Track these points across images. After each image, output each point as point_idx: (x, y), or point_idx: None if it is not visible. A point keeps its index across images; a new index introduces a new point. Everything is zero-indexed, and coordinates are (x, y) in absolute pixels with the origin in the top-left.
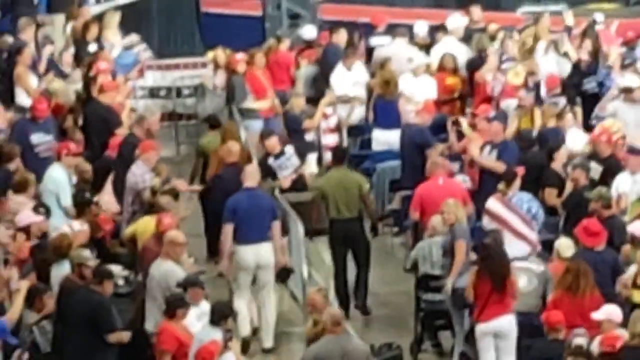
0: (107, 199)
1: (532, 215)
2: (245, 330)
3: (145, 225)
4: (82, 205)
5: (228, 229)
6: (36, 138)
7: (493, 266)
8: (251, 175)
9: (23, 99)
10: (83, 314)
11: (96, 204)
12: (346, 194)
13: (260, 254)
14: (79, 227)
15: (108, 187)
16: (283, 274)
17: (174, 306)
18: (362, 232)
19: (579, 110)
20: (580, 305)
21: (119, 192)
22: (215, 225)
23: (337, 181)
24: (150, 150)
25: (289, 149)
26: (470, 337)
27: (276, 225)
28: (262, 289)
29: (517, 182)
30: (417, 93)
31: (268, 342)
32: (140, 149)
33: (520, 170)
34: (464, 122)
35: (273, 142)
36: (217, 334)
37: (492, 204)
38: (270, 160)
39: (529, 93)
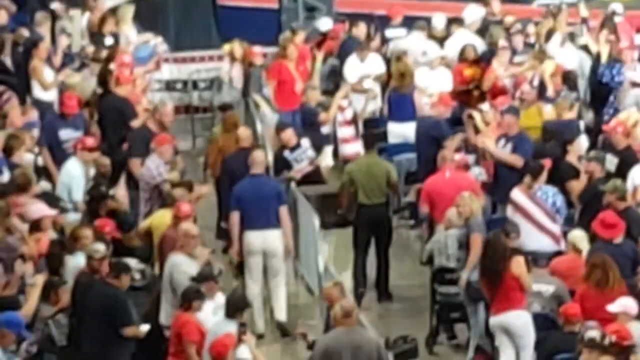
0: (122, 192)
1: (556, 209)
2: (259, 324)
3: (160, 218)
4: (98, 200)
5: (234, 216)
6: (65, 134)
7: (488, 262)
8: (258, 162)
9: (38, 92)
10: (99, 308)
11: (112, 197)
12: (375, 180)
13: (267, 240)
14: None
15: (123, 180)
16: None
17: (190, 298)
18: (388, 219)
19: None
20: (607, 299)
21: (131, 184)
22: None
23: (367, 167)
24: (165, 144)
25: (305, 142)
26: (487, 331)
27: (284, 211)
28: (273, 277)
29: (544, 175)
30: (432, 85)
31: (282, 316)
32: (155, 143)
33: (547, 163)
34: (477, 116)
35: (288, 135)
36: (231, 327)
37: (517, 195)
38: (286, 153)
39: (532, 88)
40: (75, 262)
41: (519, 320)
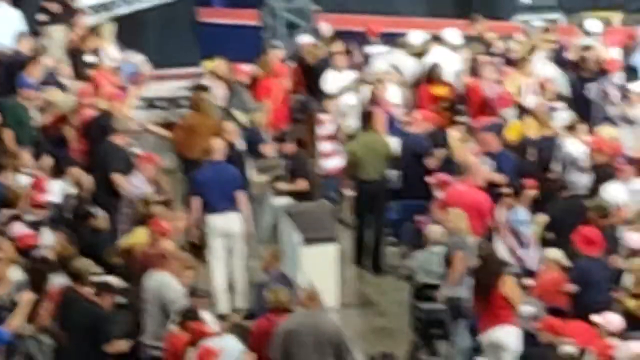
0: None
1: (523, 232)
2: (223, 306)
3: (142, 236)
4: (82, 218)
5: (196, 201)
6: None
7: (480, 278)
8: (217, 149)
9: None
10: (82, 326)
11: (94, 216)
12: (376, 155)
13: (229, 223)
14: None
15: None
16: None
17: (187, 317)
18: (385, 195)
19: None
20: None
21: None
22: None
23: (367, 144)
24: (151, 162)
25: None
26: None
27: (241, 195)
28: (233, 256)
29: (527, 195)
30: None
31: (241, 303)
32: (142, 161)
33: (531, 182)
34: (453, 133)
35: (268, 149)
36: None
37: (497, 215)
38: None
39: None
40: (58, 280)
41: (509, 336)
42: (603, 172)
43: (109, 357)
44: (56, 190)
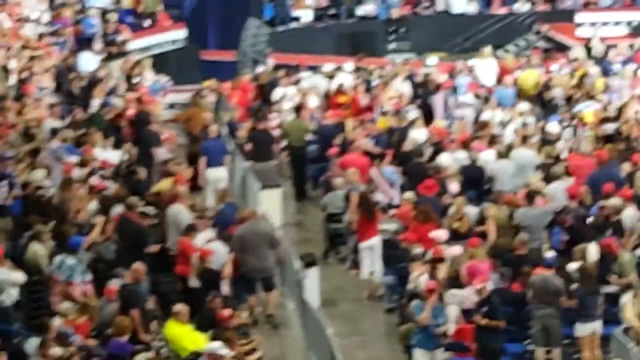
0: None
1: (393, 181)
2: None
3: (166, 184)
4: (130, 174)
5: (203, 160)
6: None
7: (368, 207)
8: (213, 131)
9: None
10: (132, 236)
11: (137, 172)
12: (298, 131)
13: (218, 173)
14: None
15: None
16: None
17: (190, 229)
18: (305, 156)
19: None
20: (428, 229)
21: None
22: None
23: (294, 125)
24: (173, 139)
25: None
26: (356, 250)
27: (227, 158)
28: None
29: (386, 160)
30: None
31: None
32: (166, 139)
33: (389, 152)
34: (349, 124)
35: (241, 133)
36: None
37: (372, 171)
38: None
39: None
40: (118, 209)
41: (379, 242)
42: (437, 147)
43: (146, 256)
44: (115, 157)
